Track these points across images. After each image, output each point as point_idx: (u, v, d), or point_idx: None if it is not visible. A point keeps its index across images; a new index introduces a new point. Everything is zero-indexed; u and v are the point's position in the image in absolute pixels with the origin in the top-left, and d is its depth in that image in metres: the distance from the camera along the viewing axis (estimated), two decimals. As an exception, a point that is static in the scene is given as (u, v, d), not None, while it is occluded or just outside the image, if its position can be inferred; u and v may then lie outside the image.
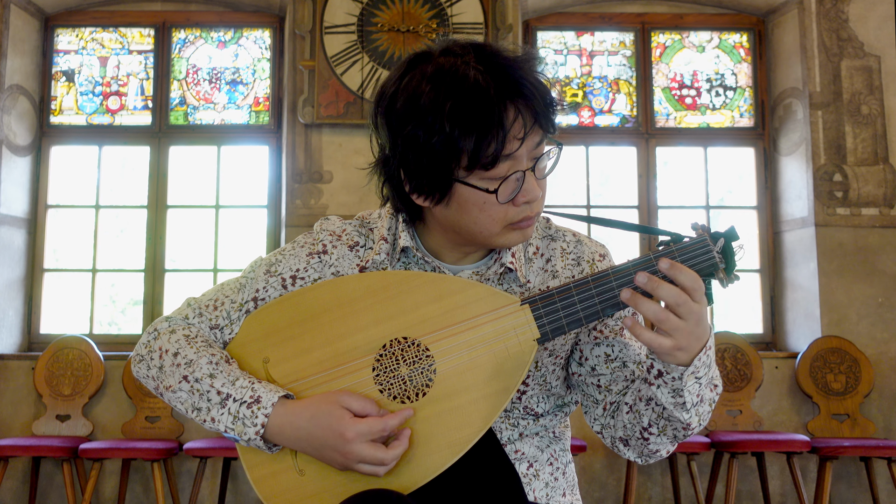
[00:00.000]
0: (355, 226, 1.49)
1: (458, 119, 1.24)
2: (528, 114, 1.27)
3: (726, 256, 1.25)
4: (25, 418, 4.53)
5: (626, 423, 1.37)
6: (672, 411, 1.28)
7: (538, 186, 1.31)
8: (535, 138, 1.29)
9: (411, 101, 1.27)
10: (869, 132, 4.82)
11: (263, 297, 1.43)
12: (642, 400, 1.32)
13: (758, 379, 4.54)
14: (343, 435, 1.25)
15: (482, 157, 1.24)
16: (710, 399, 1.31)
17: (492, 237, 1.34)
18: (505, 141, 1.24)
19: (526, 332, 1.29)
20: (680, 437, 1.34)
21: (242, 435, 1.29)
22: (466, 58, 1.28)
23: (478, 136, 1.23)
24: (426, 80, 1.27)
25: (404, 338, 1.31)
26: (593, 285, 1.27)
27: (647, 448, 1.37)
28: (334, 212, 4.68)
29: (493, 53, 1.29)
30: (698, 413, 1.30)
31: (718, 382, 1.32)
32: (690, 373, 1.24)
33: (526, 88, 1.26)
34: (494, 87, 1.25)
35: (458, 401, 1.29)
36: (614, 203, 5.21)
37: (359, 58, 4.77)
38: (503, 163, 1.27)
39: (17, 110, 4.88)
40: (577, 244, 1.48)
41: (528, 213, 1.32)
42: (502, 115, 1.24)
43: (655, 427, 1.33)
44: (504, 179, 1.28)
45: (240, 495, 4.47)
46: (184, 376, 1.34)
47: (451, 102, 1.24)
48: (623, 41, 5.26)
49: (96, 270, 4.99)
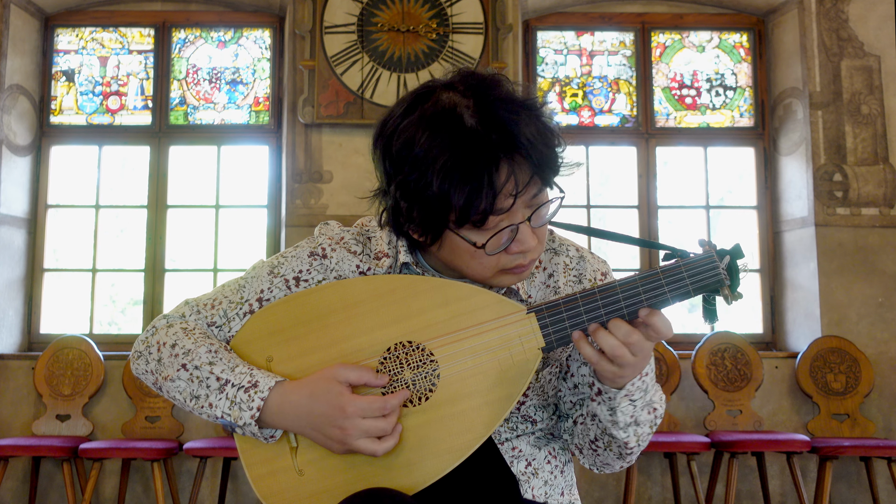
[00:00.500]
0: (354, 234, 1.49)
1: (448, 175, 1.23)
2: (525, 169, 1.25)
3: (731, 274, 1.26)
4: (25, 418, 4.53)
5: (579, 433, 1.43)
6: (609, 428, 1.34)
7: (533, 236, 1.31)
8: (533, 191, 1.27)
9: (407, 146, 1.26)
10: (869, 132, 4.83)
11: (269, 298, 1.44)
12: (588, 415, 1.39)
13: (758, 379, 4.55)
14: (343, 409, 1.25)
15: (472, 214, 1.24)
16: (649, 421, 1.36)
17: (485, 280, 1.35)
18: (495, 200, 1.24)
19: (531, 340, 1.29)
20: (624, 454, 1.40)
21: (238, 420, 1.29)
22: (468, 101, 1.26)
23: (468, 195, 1.23)
24: (424, 125, 1.26)
25: (409, 342, 1.31)
26: (599, 297, 1.27)
27: (597, 459, 1.45)
28: (334, 212, 4.68)
29: (495, 100, 1.26)
30: (636, 433, 1.36)
31: (659, 406, 1.37)
32: (623, 395, 1.31)
33: (522, 144, 1.23)
34: (489, 141, 1.23)
35: (460, 406, 1.29)
36: (614, 203, 5.21)
37: (359, 58, 4.77)
38: (496, 217, 1.26)
39: (17, 110, 4.88)
40: (580, 260, 1.48)
41: (521, 261, 1.32)
42: (492, 175, 1.22)
43: (601, 441, 1.39)
44: (495, 233, 1.28)
45: (240, 495, 4.47)
46: (182, 365, 1.34)
47: (444, 158, 1.23)
48: (623, 41, 5.26)
49: (96, 270, 4.99)
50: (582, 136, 5.13)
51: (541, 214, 1.31)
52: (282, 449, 1.33)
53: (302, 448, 1.32)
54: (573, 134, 5.13)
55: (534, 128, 1.25)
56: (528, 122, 1.25)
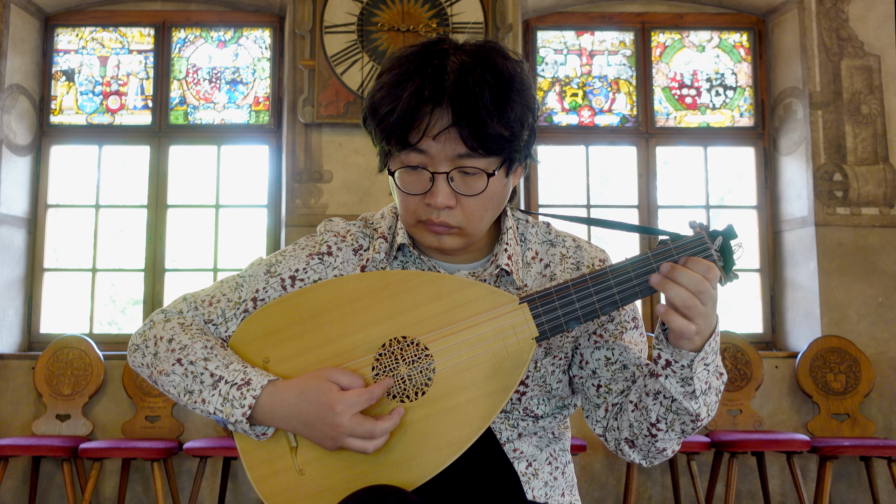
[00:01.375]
0: (359, 227, 1.50)
1: (383, 88, 1.30)
2: (446, 117, 1.26)
3: (724, 255, 1.25)
4: (25, 418, 4.53)
5: (633, 421, 1.37)
6: (681, 401, 1.29)
7: (450, 196, 1.31)
8: (455, 145, 1.28)
9: (383, 65, 1.35)
10: (869, 132, 4.83)
11: (263, 298, 1.44)
12: (649, 395, 1.33)
13: (758, 378, 4.54)
14: (332, 407, 1.25)
15: (390, 130, 1.28)
16: (717, 388, 1.32)
17: (410, 228, 1.38)
18: (409, 127, 1.27)
19: (524, 330, 1.29)
20: (688, 430, 1.35)
21: (230, 417, 1.29)
22: (458, 56, 1.29)
23: (388, 110, 1.28)
24: (412, 46, 1.33)
25: (403, 337, 1.31)
26: (591, 284, 1.27)
27: (654, 446, 1.38)
28: (334, 211, 4.68)
29: (476, 61, 1.28)
30: (706, 402, 1.31)
31: (723, 371, 1.33)
32: (700, 359, 1.26)
33: (457, 95, 1.25)
34: (429, 79, 1.27)
35: (457, 399, 1.29)
36: (614, 203, 5.21)
37: (359, 57, 4.77)
38: (414, 153, 1.29)
39: (17, 110, 4.88)
40: (577, 249, 1.47)
41: (431, 216, 1.32)
42: (414, 102, 1.26)
43: (664, 422, 1.34)
44: (407, 167, 1.31)
45: (240, 495, 4.47)
46: (178, 359, 1.35)
47: (390, 74, 1.30)
48: (623, 41, 5.26)
49: (96, 270, 4.99)
50: (582, 136, 5.13)
51: (468, 182, 1.31)
52: (282, 449, 1.33)
53: (302, 448, 1.32)
54: (573, 133, 5.13)
55: (488, 96, 1.26)
56: (484, 89, 1.26)
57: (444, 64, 1.28)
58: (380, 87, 1.31)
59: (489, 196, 1.33)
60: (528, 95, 1.31)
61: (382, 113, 1.29)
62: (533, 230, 1.49)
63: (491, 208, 1.35)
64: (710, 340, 1.26)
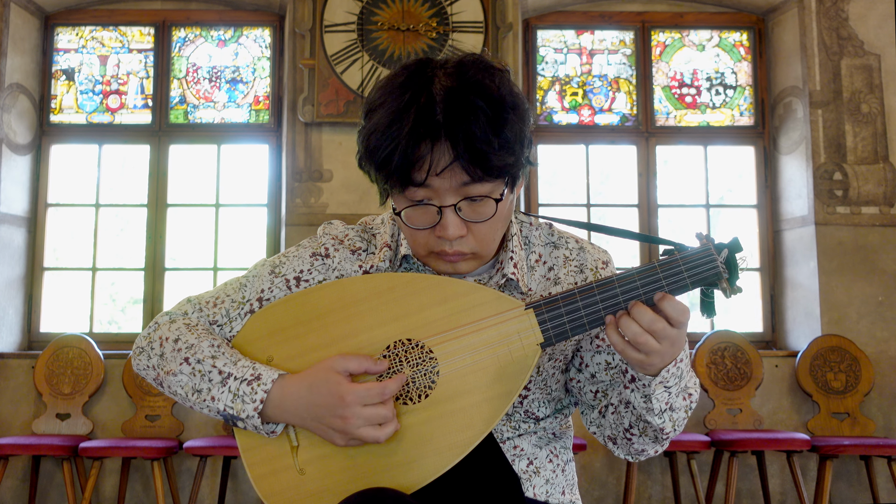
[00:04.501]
0: (358, 231, 1.50)
1: (378, 127, 1.27)
2: (446, 153, 1.24)
3: (730, 267, 1.26)
4: (25, 417, 4.53)
5: (612, 423, 1.42)
6: (644, 415, 1.32)
7: (460, 226, 1.30)
8: (457, 177, 1.26)
9: (371, 95, 1.33)
10: (869, 131, 4.83)
11: (269, 298, 1.44)
12: (622, 403, 1.38)
13: (758, 378, 4.55)
14: (343, 398, 1.25)
15: (391, 172, 1.26)
16: (685, 406, 1.34)
17: (421, 259, 1.37)
18: (412, 167, 1.25)
19: (529, 336, 1.29)
20: (661, 438, 1.37)
21: (241, 413, 1.29)
22: (443, 80, 1.27)
23: (389, 152, 1.25)
24: (391, 84, 1.30)
25: (408, 339, 1.31)
26: (597, 291, 1.27)
27: (632, 447, 1.42)
28: (334, 210, 4.68)
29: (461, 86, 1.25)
30: (672, 419, 1.33)
31: (694, 391, 1.35)
32: (658, 382, 1.28)
33: (452, 131, 1.23)
34: (423, 114, 1.24)
35: (460, 403, 1.29)
36: (614, 202, 5.21)
37: (359, 56, 4.77)
38: (419, 189, 1.27)
39: (17, 109, 4.88)
40: (581, 251, 1.48)
41: (445, 248, 1.32)
42: (412, 143, 1.24)
43: (636, 428, 1.37)
44: (413, 204, 1.30)
45: (240, 494, 4.47)
46: (185, 359, 1.35)
47: (383, 111, 1.27)
48: (623, 40, 5.26)
49: (96, 269, 4.99)
50: (582, 135, 5.13)
51: (476, 208, 1.30)
52: (283, 448, 1.33)
53: (303, 447, 1.32)
54: (573, 133, 5.13)
55: (483, 122, 1.24)
56: (478, 115, 1.24)
57: (432, 94, 1.25)
58: (373, 130, 1.28)
59: (498, 218, 1.33)
60: (520, 109, 1.29)
61: (381, 157, 1.26)
62: (536, 232, 1.49)
63: (500, 227, 1.36)
64: (670, 366, 1.27)
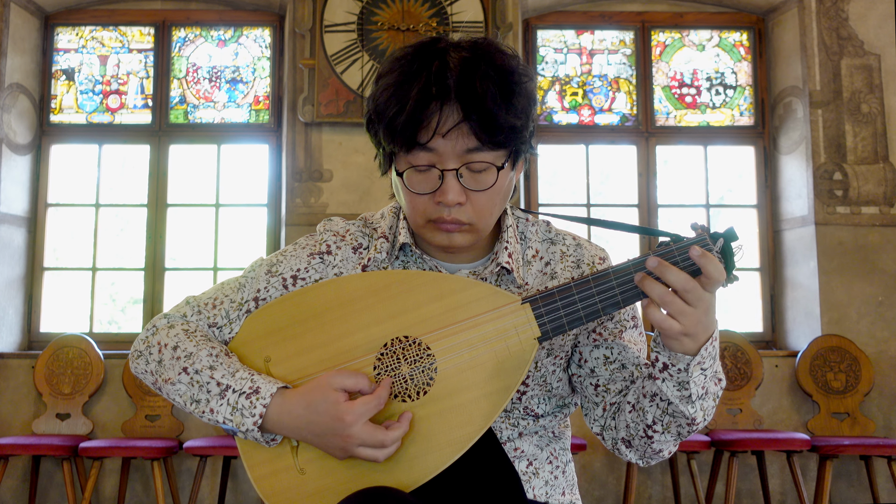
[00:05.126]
0: (359, 226, 1.50)
1: (387, 89, 1.29)
2: (455, 113, 1.26)
3: (725, 256, 1.25)
4: (25, 417, 4.53)
5: (630, 422, 1.37)
6: (678, 405, 1.28)
7: (460, 192, 1.30)
8: (464, 141, 1.28)
9: (383, 67, 1.34)
10: (869, 131, 4.83)
11: (265, 297, 1.44)
12: (646, 396, 1.32)
13: (758, 377, 4.54)
14: (342, 419, 1.25)
15: (397, 132, 1.28)
16: (715, 393, 1.31)
17: (418, 229, 1.37)
18: (418, 127, 1.27)
19: (527, 330, 1.29)
20: (684, 433, 1.34)
21: (240, 426, 1.29)
22: (456, 53, 1.29)
23: (396, 111, 1.27)
24: (408, 48, 1.33)
25: (405, 336, 1.31)
26: (594, 284, 1.27)
27: (650, 448, 1.37)
28: (334, 210, 4.68)
29: (474, 56, 1.28)
30: (703, 407, 1.30)
31: (722, 377, 1.32)
32: (696, 363, 1.25)
33: (463, 90, 1.25)
34: (433, 76, 1.26)
35: (458, 399, 1.29)
36: (614, 202, 5.21)
37: (359, 56, 4.77)
38: (422, 152, 1.29)
39: (17, 109, 4.88)
40: (577, 247, 1.48)
41: (443, 214, 1.32)
42: (421, 101, 1.26)
43: (660, 424, 1.33)
44: (416, 168, 1.31)
45: (240, 494, 4.47)
46: (183, 368, 1.34)
47: (393, 76, 1.29)
48: (623, 40, 5.26)
49: (96, 269, 4.99)
50: (582, 135, 5.13)
51: (477, 177, 1.31)
52: (283, 448, 1.33)
53: (303, 447, 1.32)
54: (573, 133, 5.13)
55: (493, 90, 1.26)
56: (488, 83, 1.26)
57: (445, 61, 1.28)
58: (383, 89, 1.30)
59: (498, 190, 1.33)
60: (529, 87, 1.32)
61: (390, 114, 1.28)
62: (533, 229, 1.49)
63: (499, 202, 1.36)
64: (707, 345, 1.24)
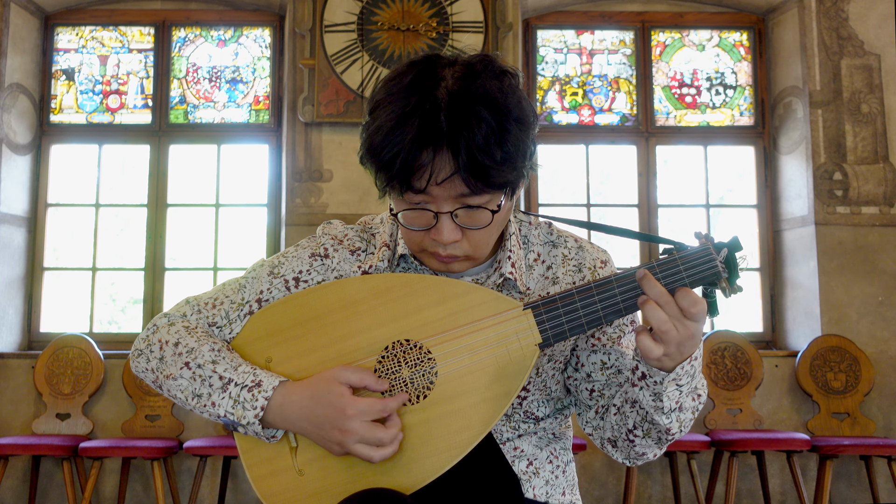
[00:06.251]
0: (357, 231, 1.50)
1: (381, 131, 1.25)
2: (448, 164, 1.23)
3: (729, 267, 1.25)
4: (25, 417, 4.53)
5: (614, 424, 1.39)
6: (652, 414, 1.30)
7: (455, 231, 1.29)
8: (457, 188, 1.25)
9: (377, 94, 1.30)
10: (869, 131, 4.83)
11: (267, 298, 1.44)
12: (627, 402, 1.34)
13: (758, 377, 4.55)
14: (344, 411, 1.25)
15: (389, 177, 1.25)
16: (693, 407, 1.33)
17: (416, 255, 1.38)
18: (411, 175, 1.24)
19: (528, 336, 1.29)
20: (664, 440, 1.36)
21: (242, 419, 1.29)
22: (448, 84, 1.25)
23: (391, 157, 1.24)
24: (402, 76, 1.28)
25: (407, 340, 1.31)
26: (596, 291, 1.27)
27: (633, 450, 1.39)
28: (334, 210, 4.68)
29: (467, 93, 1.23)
30: (679, 419, 1.32)
31: (703, 392, 1.34)
32: (671, 379, 1.26)
33: (456, 143, 1.21)
34: (427, 122, 1.22)
35: (458, 404, 1.29)
36: (614, 202, 5.21)
37: (359, 56, 4.77)
38: (416, 194, 1.26)
39: (17, 109, 4.88)
40: (579, 250, 1.47)
41: (439, 250, 1.32)
42: (414, 151, 1.22)
43: (640, 429, 1.35)
44: (410, 208, 1.29)
45: (240, 494, 4.47)
46: (185, 363, 1.34)
47: (388, 115, 1.25)
48: (623, 40, 5.26)
49: (96, 269, 4.99)
50: (582, 135, 5.13)
51: (473, 215, 1.29)
52: (282, 449, 1.33)
53: (302, 448, 1.32)
54: (573, 133, 5.13)
55: (486, 133, 1.22)
56: (481, 126, 1.22)
57: (436, 98, 1.23)
58: (377, 129, 1.26)
59: (494, 225, 1.33)
60: (525, 121, 1.27)
61: (384, 159, 1.25)
62: (535, 231, 1.48)
63: (496, 233, 1.36)
64: (685, 364, 1.26)
